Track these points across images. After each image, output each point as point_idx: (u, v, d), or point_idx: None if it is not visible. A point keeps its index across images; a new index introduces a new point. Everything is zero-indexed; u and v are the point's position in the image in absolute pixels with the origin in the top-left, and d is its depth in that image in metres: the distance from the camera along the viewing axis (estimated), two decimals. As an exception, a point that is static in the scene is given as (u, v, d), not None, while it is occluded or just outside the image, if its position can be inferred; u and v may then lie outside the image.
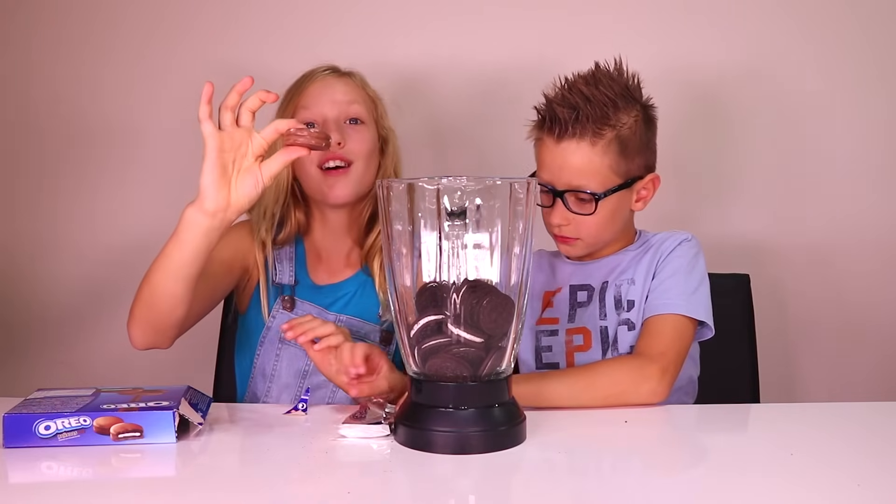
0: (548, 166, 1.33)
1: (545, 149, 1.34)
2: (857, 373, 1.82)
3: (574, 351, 1.36)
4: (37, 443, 1.04)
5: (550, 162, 1.33)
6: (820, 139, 1.80)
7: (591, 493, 0.94)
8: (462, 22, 1.82)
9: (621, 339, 1.33)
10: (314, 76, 1.40)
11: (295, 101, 1.38)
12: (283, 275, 1.41)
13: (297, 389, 1.38)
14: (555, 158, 1.32)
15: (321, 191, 1.38)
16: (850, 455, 1.02)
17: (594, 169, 1.30)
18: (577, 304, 1.39)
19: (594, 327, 1.36)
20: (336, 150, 1.35)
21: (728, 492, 0.93)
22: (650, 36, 1.79)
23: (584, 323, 1.37)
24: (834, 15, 1.78)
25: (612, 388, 1.20)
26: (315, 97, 1.38)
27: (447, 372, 1.03)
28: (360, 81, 1.44)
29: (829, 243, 1.81)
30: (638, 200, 1.36)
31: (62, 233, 1.87)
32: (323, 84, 1.39)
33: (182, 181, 1.81)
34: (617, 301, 1.36)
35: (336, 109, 1.37)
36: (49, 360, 1.88)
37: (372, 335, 1.40)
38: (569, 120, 1.29)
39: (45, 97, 1.85)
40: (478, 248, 1.04)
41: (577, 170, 1.30)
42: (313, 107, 1.37)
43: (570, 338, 1.37)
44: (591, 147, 1.30)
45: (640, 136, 1.33)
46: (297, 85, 1.40)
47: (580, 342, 1.36)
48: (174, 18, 1.83)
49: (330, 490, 0.93)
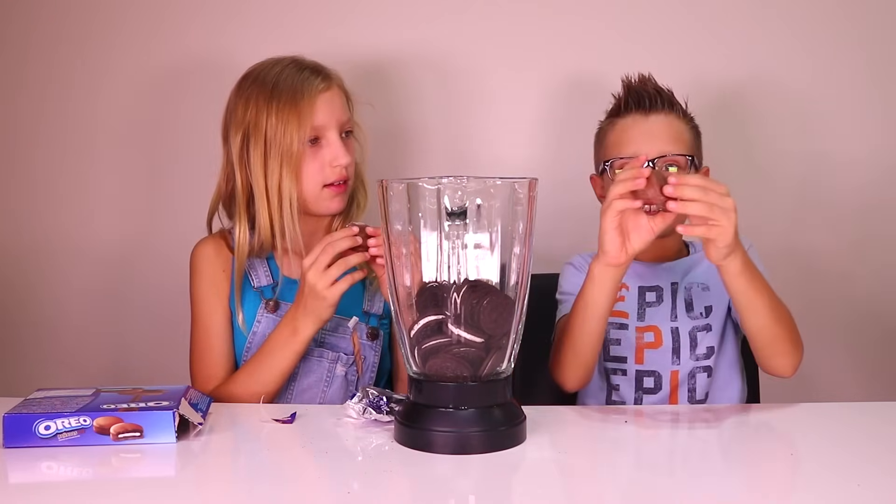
0: (633, 140, 1.37)
1: (628, 127, 1.39)
2: (857, 373, 1.83)
3: (645, 347, 1.39)
4: (37, 443, 1.04)
5: (637, 135, 1.37)
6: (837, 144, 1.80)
7: (590, 493, 0.94)
8: (434, 12, 1.80)
9: (700, 342, 1.38)
10: (314, 89, 1.37)
11: (308, 121, 1.35)
12: (259, 278, 1.42)
13: (288, 393, 1.38)
14: (642, 131, 1.37)
15: (321, 204, 1.40)
16: (850, 455, 1.02)
17: (685, 139, 1.37)
18: (645, 304, 1.41)
19: (665, 327, 1.39)
20: (342, 173, 1.38)
21: (728, 492, 0.93)
22: (636, 37, 1.79)
23: (654, 322, 1.40)
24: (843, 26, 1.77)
25: (791, 327, 1.25)
26: (325, 117, 1.37)
27: (447, 372, 1.03)
28: (340, 81, 1.43)
29: (828, 243, 1.82)
30: None
31: (62, 233, 1.87)
32: (327, 100, 1.38)
33: (182, 181, 1.82)
34: (688, 304, 1.40)
35: (339, 128, 1.39)
36: (49, 360, 1.88)
37: (358, 331, 1.40)
38: (657, 95, 1.37)
39: (42, 96, 1.85)
40: (478, 248, 1.04)
41: (670, 136, 1.36)
42: (324, 129, 1.37)
43: (641, 335, 1.40)
44: (679, 119, 1.38)
45: (699, 134, 1.43)
46: (298, 100, 1.36)
47: (651, 339, 1.39)
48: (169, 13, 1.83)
49: (330, 490, 0.93)
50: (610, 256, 1.19)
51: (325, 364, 1.39)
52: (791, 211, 1.82)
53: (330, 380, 1.39)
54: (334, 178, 1.38)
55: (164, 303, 1.82)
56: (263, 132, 1.35)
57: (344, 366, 1.39)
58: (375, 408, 1.13)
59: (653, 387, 1.38)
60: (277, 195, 1.36)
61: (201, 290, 1.42)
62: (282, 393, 1.38)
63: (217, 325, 1.40)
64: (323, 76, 1.39)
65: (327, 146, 1.37)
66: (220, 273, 1.42)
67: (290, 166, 1.35)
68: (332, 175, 1.38)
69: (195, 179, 1.55)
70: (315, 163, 1.37)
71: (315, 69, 1.40)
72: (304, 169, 1.36)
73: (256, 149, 1.36)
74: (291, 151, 1.34)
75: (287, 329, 1.30)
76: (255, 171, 1.36)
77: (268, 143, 1.35)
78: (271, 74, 1.38)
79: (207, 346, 1.40)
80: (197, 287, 1.43)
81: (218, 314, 1.41)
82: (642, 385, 1.38)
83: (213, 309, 1.41)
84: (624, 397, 1.40)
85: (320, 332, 1.38)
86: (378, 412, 1.13)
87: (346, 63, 1.48)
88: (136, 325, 1.87)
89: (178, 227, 1.79)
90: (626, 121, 1.39)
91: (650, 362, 1.38)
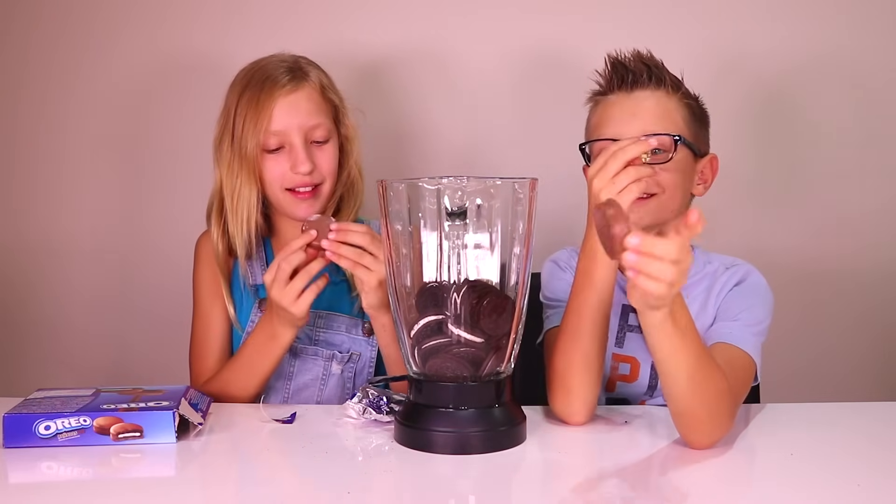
0: (615, 119, 1.23)
1: (610, 105, 1.24)
2: (858, 373, 1.83)
3: (617, 379, 1.28)
4: (37, 443, 1.04)
5: (619, 114, 1.23)
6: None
7: (590, 494, 0.94)
8: (438, 11, 1.80)
9: None
10: (277, 90, 1.32)
11: (263, 125, 1.31)
12: (256, 277, 1.41)
13: (284, 392, 1.38)
14: (625, 109, 1.23)
15: (288, 210, 1.37)
16: (850, 455, 1.02)
17: (670, 117, 1.22)
18: (626, 327, 1.28)
19: (645, 359, 1.26)
20: (304, 179, 1.33)
21: (728, 491, 0.93)
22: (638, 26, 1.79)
23: (633, 352, 1.27)
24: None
25: (712, 404, 1.03)
26: (284, 121, 1.32)
27: (447, 372, 1.03)
28: (319, 84, 1.37)
29: (828, 244, 1.82)
30: (699, 183, 1.28)
31: (62, 233, 1.87)
32: (289, 104, 1.32)
33: (182, 181, 1.82)
34: None
35: (302, 134, 1.33)
36: (49, 360, 1.88)
37: (353, 329, 1.40)
38: (643, 71, 1.23)
39: (42, 96, 1.85)
40: (478, 248, 1.04)
41: (653, 115, 1.21)
42: (284, 134, 1.32)
43: (616, 364, 1.28)
44: (666, 95, 1.23)
45: (705, 118, 1.28)
46: (260, 99, 1.31)
47: (626, 371, 1.27)
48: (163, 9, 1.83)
49: (330, 490, 0.93)
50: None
51: (320, 362, 1.39)
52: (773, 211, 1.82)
53: (326, 378, 1.39)
54: (295, 184, 1.33)
55: (164, 303, 1.82)
56: (231, 130, 1.33)
57: (340, 363, 1.39)
58: (375, 408, 1.13)
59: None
60: (237, 198, 1.33)
61: (202, 281, 1.42)
62: (278, 392, 1.38)
63: (216, 318, 1.40)
64: (294, 76, 1.34)
65: (289, 151, 1.33)
66: (217, 278, 1.41)
67: (249, 169, 1.32)
68: (294, 181, 1.33)
69: (195, 179, 1.55)
70: (277, 166, 1.33)
71: (291, 68, 1.35)
72: (265, 172, 1.33)
73: (226, 148, 1.34)
74: (248, 153, 1.31)
75: (264, 334, 1.29)
76: (223, 171, 1.35)
77: (234, 142, 1.33)
78: (252, 71, 1.36)
79: (205, 338, 1.40)
80: (198, 278, 1.42)
81: (217, 307, 1.40)
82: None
83: (213, 301, 1.40)
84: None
85: (314, 331, 1.38)
86: (378, 412, 1.13)
87: (348, 63, 1.48)
88: (137, 324, 1.87)
89: (178, 227, 1.79)
90: (609, 99, 1.25)
91: (621, 391, 1.28)
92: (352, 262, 1.21)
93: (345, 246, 1.21)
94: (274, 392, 1.38)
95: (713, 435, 1.04)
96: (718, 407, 1.03)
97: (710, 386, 1.02)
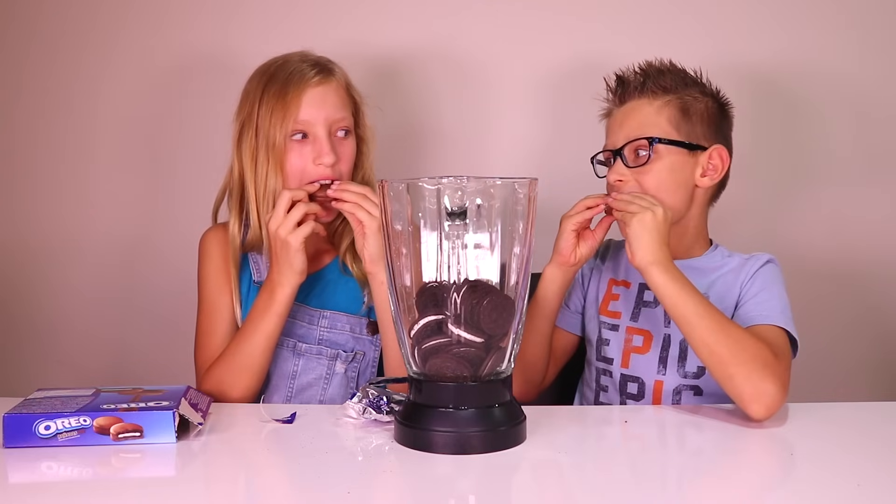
0: (611, 131, 1.35)
1: (611, 119, 1.36)
2: (857, 373, 1.83)
3: (631, 351, 1.35)
4: (37, 443, 1.04)
5: (612, 126, 1.35)
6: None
7: (590, 493, 0.94)
8: (449, 8, 1.80)
9: (690, 358, 1.31)
10: (305, 82, 1.34)
11: (293, 114, 1.32)
12: (261, 272, 1.41)
13: (287, 391, 1.38)
14: (615, 120, 1.34)
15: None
16: (850, 455, 1.02)
17: (651, 121, 1.31)
18: (642, 304, 1.37)
19: (658, 332, 1.34)
20: (326, 172, 1.34)
21: (728, 492, 0.93)
22: (638, 26, 1.79)
23: (646, 325, 1.35)
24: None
25: (747, 355, 1.13)
26: (312, 112, 1.33)
27: (447, 372, 1.03)
28: (344, 79, 1.40)
29: (827, 244, 1.82)
30: (704, 175, 1.32)
31: (62, 233, 1.86)
32: (318, 95, 1.34)
33: (183, 181, 1.82)
34: None
35: (327, 126, 1.35)
36: (49, 360, 1.88)
37: (358, 328, 1.40)
38: (634, 82, 1.33)
39: (43, 96, 1.85)
40: (478, 248, 1.04)
41: (637, 123, 1.31)
42: (310, 125, 1.34)
43: (630, 336, 1.36)
44: (649, 102, 1.32)
45: (709, 112, 1.33)
46: (288, 91, 1.33)
47: (639, 343, 1.35)
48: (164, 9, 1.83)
49: (330, 490, 0.93)
50: (562, 257, 1.30)
51: (324, 361, 1.39)
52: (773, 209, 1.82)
53: (329, 377, 1.39)
54: (317, 176, 1.34)
55: (165, 303, 1.82)
56: (255, 123, 1.34)
57: (343, 363, 1.39)
58: (375, 408, 1.13)
59: (636, 393, 1.34)
60: (263, 189, 1.34)
61: (209, 275, 1.41)
62: (281, 391, 1.38)
63: (222, 311, 1.39)
64: (321, 70, 1.36)
65: (313, 142, 1.34)
66: (227, 260, 1.41)
67: (276, 160, 1.33)
68: (316, 173, 1.34)
69: (196, 179, 1.55)
70: (300, 159, 1.34)
71: (317, 63, 1.37)
72: (287, 164, 1.34)
73: (249, 141, 1.35)
74: (276, 144, 1.32)
75: (265, 293, 1.30)
76: (246, 164, 1.35)
77: (259, 134, 1.34)
78: (274, 66, 1.37)
79: (211, 329, 1.38)
80: (205, 272, 1.41)
81: (223, 300, 1.39)
82: (626, 390, 1.34)
83: (220, 294, 1.39)
84: (610, 399, 1.37)
85: (318, 330, 1.38)
86: (378, 412, 1.13)
87: (355, 61, 1.47)
88: (137, 325, 1.87)
89: (179, 227, 1.79)
90: (611, 112, 1.38)
91: (635, 367, 1.34)
92: (354, 205, 1.27)
93: (347, 192, 1.28)
94: (277, 391, 1.38)
95: (759, 387, 1.11)
96: (743, 354, 1.12)
97: (729, 331, 1.14)
